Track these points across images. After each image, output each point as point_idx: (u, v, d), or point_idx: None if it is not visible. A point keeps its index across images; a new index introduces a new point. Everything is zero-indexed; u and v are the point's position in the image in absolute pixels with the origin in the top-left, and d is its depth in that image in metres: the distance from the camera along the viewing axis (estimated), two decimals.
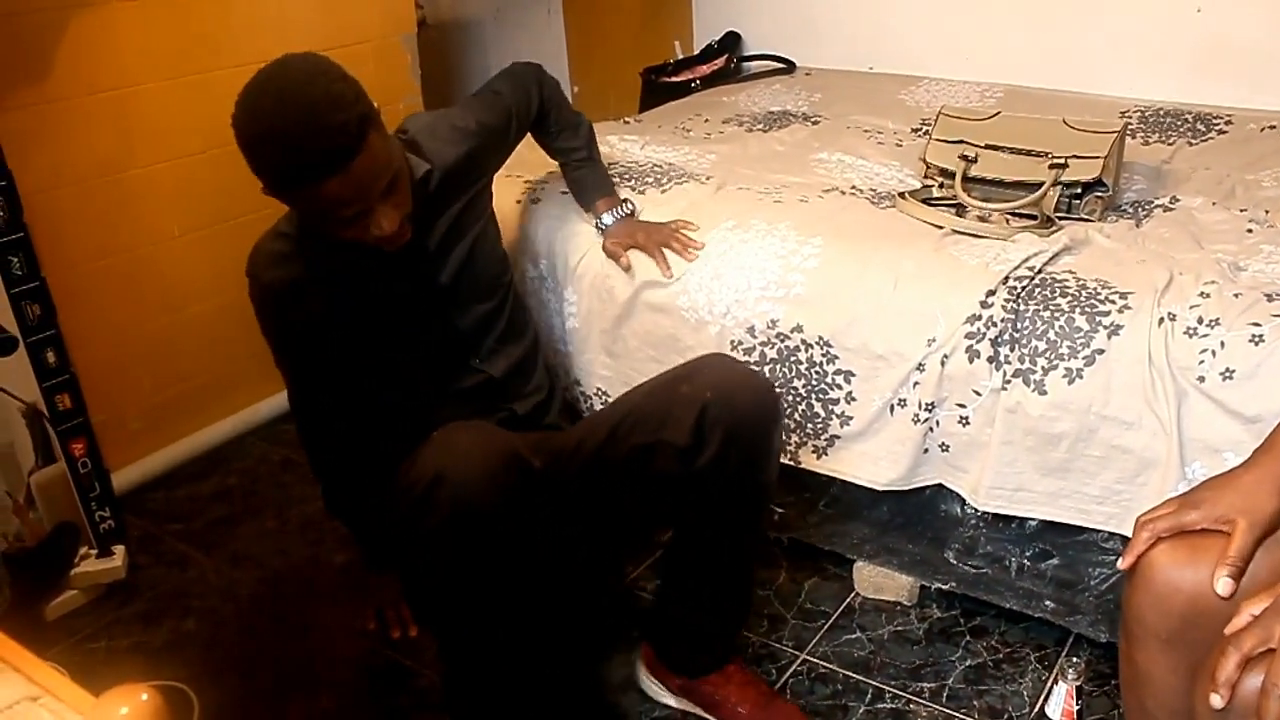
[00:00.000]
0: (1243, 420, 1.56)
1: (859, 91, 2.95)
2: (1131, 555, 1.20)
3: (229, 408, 2.70)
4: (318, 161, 1.42)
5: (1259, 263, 1.78)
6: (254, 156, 1.45)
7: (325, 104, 1.43)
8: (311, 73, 1.47)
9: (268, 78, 1.47)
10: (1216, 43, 2.70)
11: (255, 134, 1.44)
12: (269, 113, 1.43)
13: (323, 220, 1.51)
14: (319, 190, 1.44)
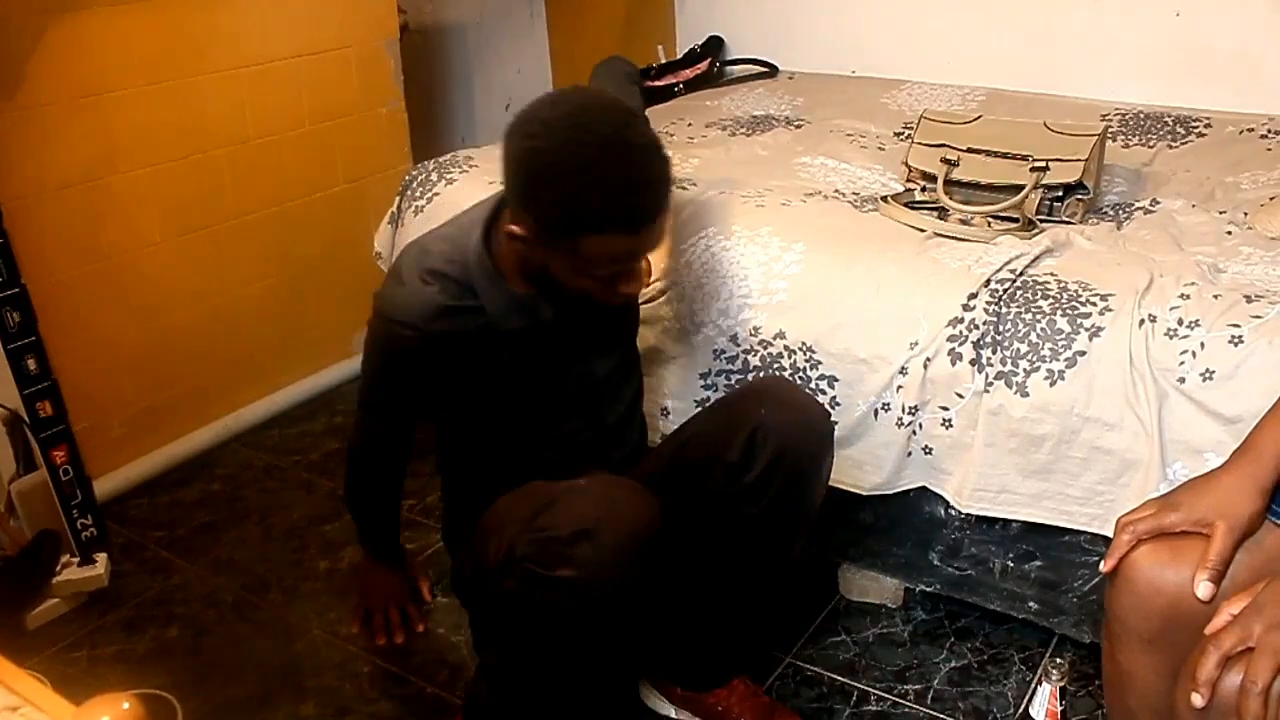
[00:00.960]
0: (1223, 421, 1.57)
1: (841, 95, 2.96)
2: (1113, 558, 1.21)
3: (212, 414, 2.69)
4: (651, 207, 1.36)
5: (1238, 264, 1.79)
6: (579, 197, 1.33)
7: (658, 147, 1.38)
8: (628, 111, 1.40)
9: (588, 113, 1.36)
10: (1195, 46, 2.72)
11: (594, 174, 1.32)
12: (612, 152, 1.33)
13: (584, 272, 1.41)
14: (632, 240, 1.37)
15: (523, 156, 1.36)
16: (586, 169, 1.32)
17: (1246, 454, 1.19)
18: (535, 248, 1.42)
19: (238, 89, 2.58)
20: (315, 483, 2.53)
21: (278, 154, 2.70)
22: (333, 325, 2.90)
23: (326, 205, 2.84)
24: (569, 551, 1.33)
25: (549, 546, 1.35)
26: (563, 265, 1.42)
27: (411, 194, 2.29)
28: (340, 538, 2.32)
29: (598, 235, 1.35)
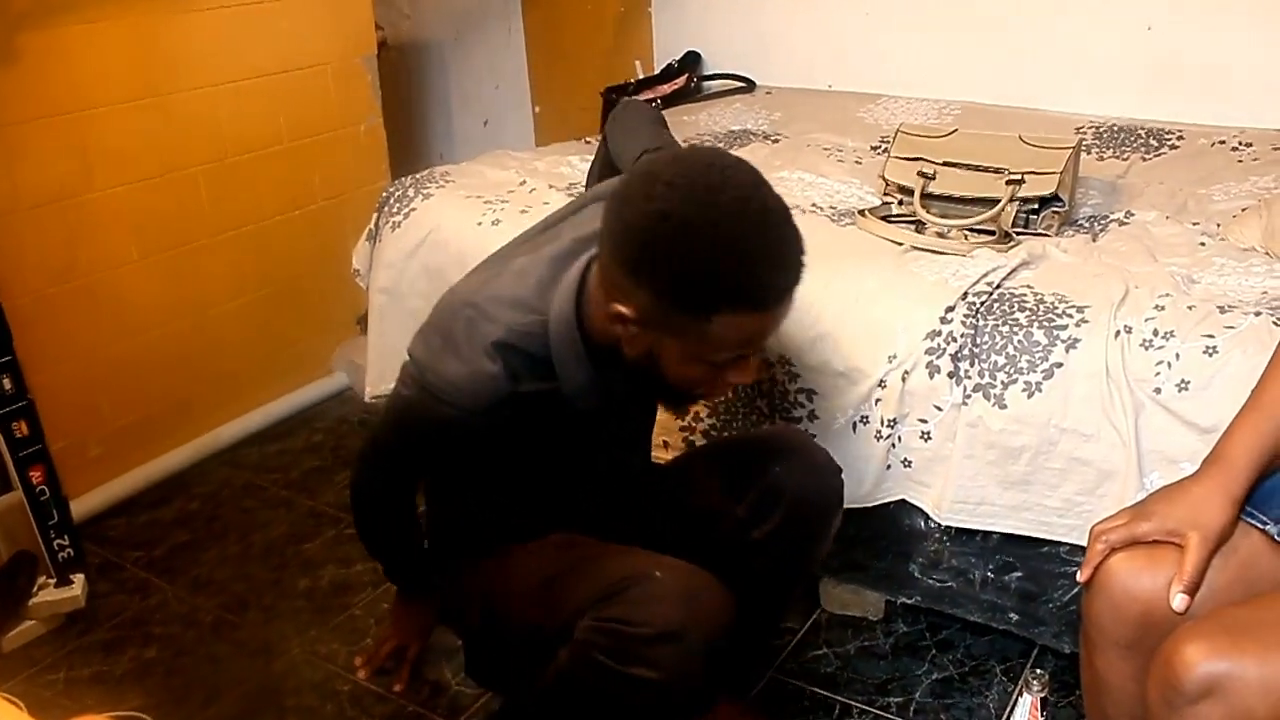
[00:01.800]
0: (1199, 431, 1.58)
1: (818, 109, 2.98)
2: (1088, 567, 1.22)
3: (190, 432, 2.68)
4: (788, 280, 1.23)
5: (1211, 275, 1.80)
6: (714, 269, 1.18)
7: (789, 213, 1.26)
8: (755, 170, 1.25)
9: (718, 173, 1.20)
10: (1167, 60, 2.74)
11: (731, 242, 1.18)
12: (749, 217, 1.19)
13: (700, 359, 1.28)
14: (764, 318, 1.25)
15: (644, 223, 1.18)
16: (722, 236, 1.17)
17: (1216, 463, 1.20)
18: (646, 331, 1.25)
19: (215, 106, 2.58)
20: (295, 501, 2.52)
21: (255, 171, 2.70)
22: (311, 342, 2.89)
23: (305, 222, 2.83)
24: (650, 652, 1.28)
25: (627, 644, 1.29)
26: (677, 351, 1.27)
27: (389, 210, 2.29)
28: (320, 556, 2.31)
29: (729, 313, 1.20)
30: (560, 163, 2.49)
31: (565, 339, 1.33)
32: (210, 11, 2.53)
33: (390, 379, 2.29)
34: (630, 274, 1.21)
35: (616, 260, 1.23)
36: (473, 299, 1.36)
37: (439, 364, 1.33)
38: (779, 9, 3.28)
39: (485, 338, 1.32)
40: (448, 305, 1.39)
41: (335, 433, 2.82)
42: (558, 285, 1.34)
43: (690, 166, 1.21)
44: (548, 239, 1.44)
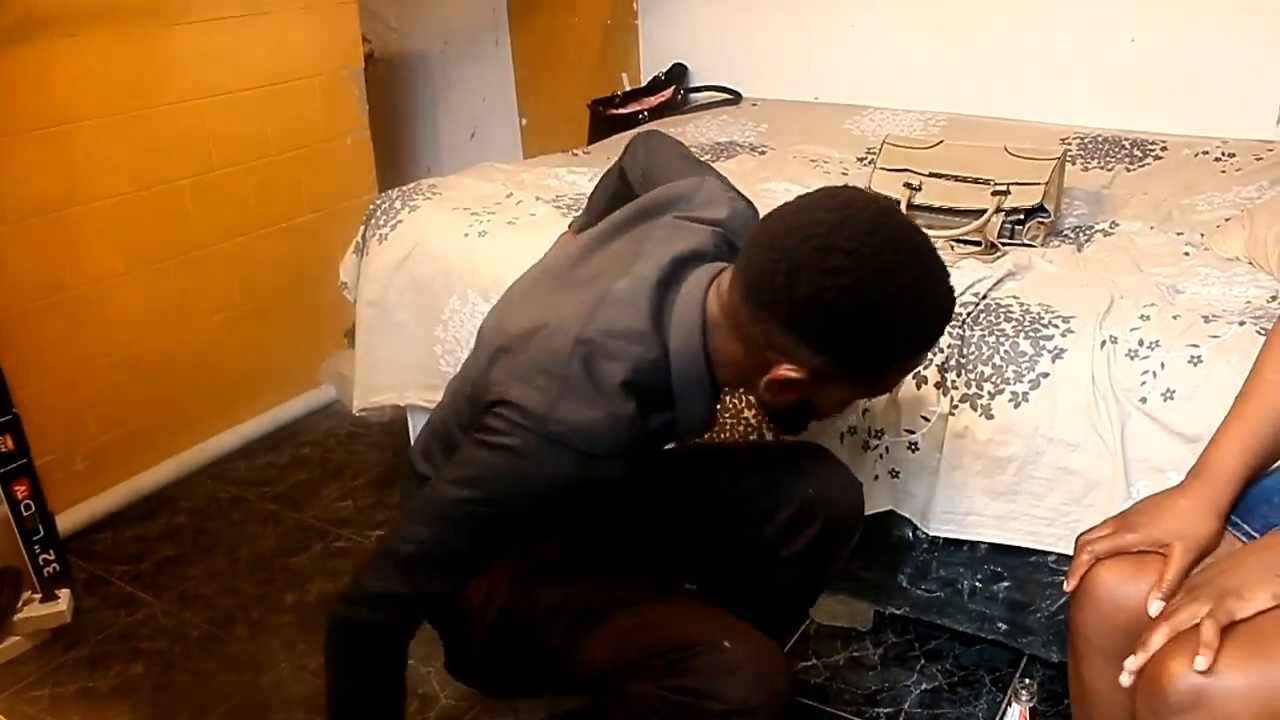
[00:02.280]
0: (1184, 440, 1.59)
1: (804, 121, 2.99)
2: (1075, 577, 1.22)
3: (177, 446, 2.67)
4: (946, 325, 1.25)
5: (1196, 285, 1.81)
6: (898, 335, 1.20)
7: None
8: (913, 223, 1.27)
9: (891, 236, 1.18)
10: (1150, 71, 2.77)
11: (912, 310, 1.18)
12: (925, 282, 1.20)
13: (853, 399, 1.32)
14: (922, 358, 1.31)
15: (827, 298, 1.14)
16: (908, 302, 1.17)
17: (1202, 476, 1.21)
18: (808, 385, 1.22)
19: (201, 119, 2.57)
20: (282, 514, 2.51)
21: (242, 184, 2.69)
22: (298, 355, 2.88)
23: (291, 235, 2.83)
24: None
25: (693, 716, 1.29)
26: (840, 395, 1.28)
27: (376, 223, 2.29)
28: (308, 569, 2.30)
29: (905, 360, 1.25)
30: (547, 175, 2.49)
31: (691, 374, 1.29)
32: (196, 25, 2.53)
33: (379, 391, 2.33)
34: (801, 333, 1.18)
35: (787, 326, 1.18)
36: (584, 335, 1.25)
37: (562, 410, 1.21)
38: (765, 21, 3.30)
39: (612, 377, 1.23)
40: (547, 344, 1.26)
41: (323, 446, 2.81)
42: (671, 314, 1.29)
43: (857, 228, 1.16)
44: (631, 257, 1.35)
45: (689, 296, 1.28)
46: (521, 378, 1.25)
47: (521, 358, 1.27)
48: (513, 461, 1.23)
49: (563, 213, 2.22)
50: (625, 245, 1.39)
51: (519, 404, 1.22)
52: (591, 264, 1.39)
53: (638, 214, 1.44)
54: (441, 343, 2.20)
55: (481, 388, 1.31)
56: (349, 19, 2.89)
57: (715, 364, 1.29)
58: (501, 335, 1.34)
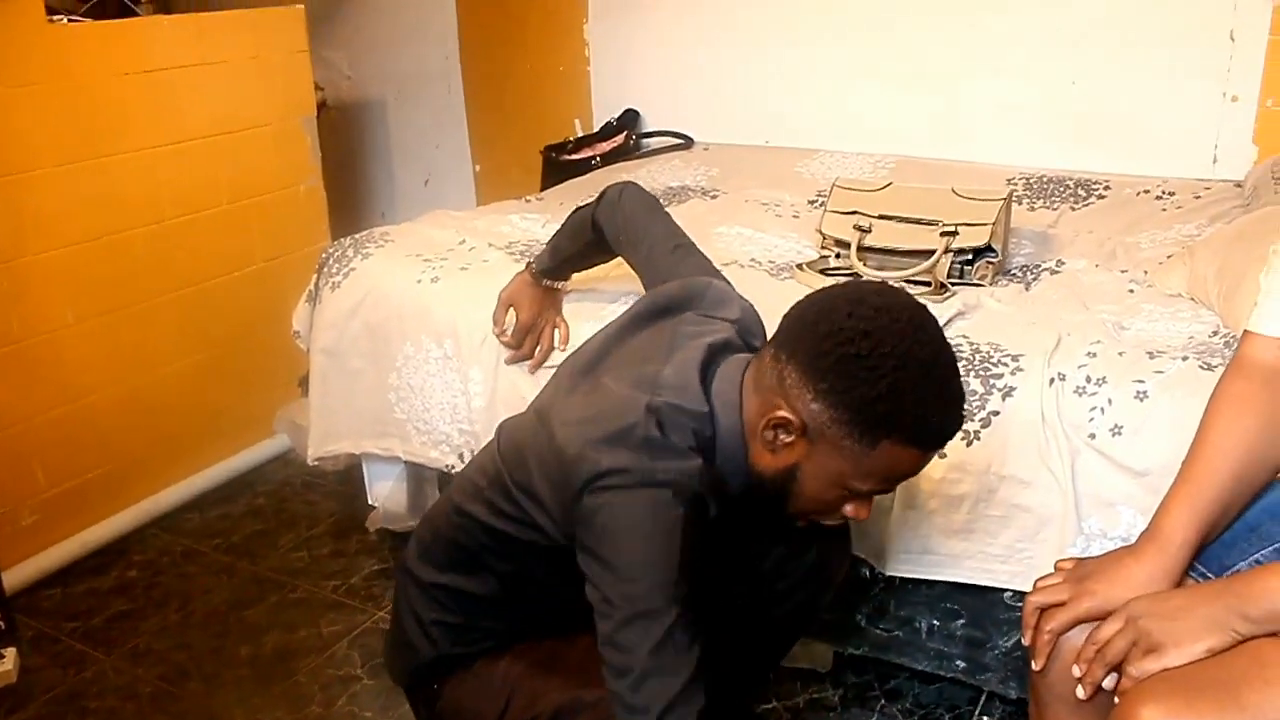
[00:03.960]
0: (1133, 474, 1.61)
1: (756, 165, 3.02)
2: (1041, 657, 1.22)
3: (128, 498, 2.63)
4: (954, 429, 1.26)
5: (1141, 321, 1.85)
6: (906, 399, 1.19)
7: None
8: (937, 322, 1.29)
9: (920, 314, 1.24)
10: (1092, 113, 2.83)
11: (928, 379, 1.21)
12: (944, 363, 1.24)
13: (842, 484, 1.26)
14: (920, 459, 1.26)
15: (842, 336, 1.19)
16: (916, 369, 1.19)
17: (1155, 541, 1.20)
18: (800, 442, 1.25)
19: (153, 168, 2.56)
20: (236, 566, 2.48)
21: (194, 233, 2.68)
22: (252, 405, 2.86)
23: (245, 284, 2.82)
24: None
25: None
26: (824, 470, 1.26)
27: (329, 271, 2.28)
28: (263, 622, 2.27)
29: (894, 445, 1.21)
30: (500, 221, 2.50)
31: (731, 448, 1.32)
32: (148, 74, 2.53)
33: (334, 440, 2.31)
34: (813, 382, 1.21)
35: (799, 363, 1.22)
36: (653, 403, 1.28)
37: (659, 461, 1.25)
38: (716, 67, 3.34)
39: (685, 440, 1.28)
40: (619, 418, 1.28)
41: (277, 496, 2.78)
42: (713, 395, 1.32)
43: (896, 299, 1.24)
44: (666, 347, 1.38)
45: (726, 379, 1.33)
46: (606, 449, 1.26)
47: (598, 436, 1.28)
48: (636, 516, 1.25)
49: (515, 259, 2.22)
50: (652, 337, 1.43)
51: (616, 468, 1.24)
52: (622, 354, 1.42)
53: (655, 311, 1.48)
54: (395, 390, 2.19)
55: (531, 475, 1.35)
56: (301, 68, 2.90)
57: (747, 441, 1.32)
58: (553, 427, 1.34)
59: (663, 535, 1.24)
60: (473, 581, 1.48)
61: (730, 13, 3.28)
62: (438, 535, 1.51)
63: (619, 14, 3.48)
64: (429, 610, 1.51)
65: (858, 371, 1.19)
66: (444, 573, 1.49)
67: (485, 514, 1.42)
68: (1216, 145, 2.69)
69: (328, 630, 2.23)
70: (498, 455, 1.44)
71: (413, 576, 1.53)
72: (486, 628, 1.51)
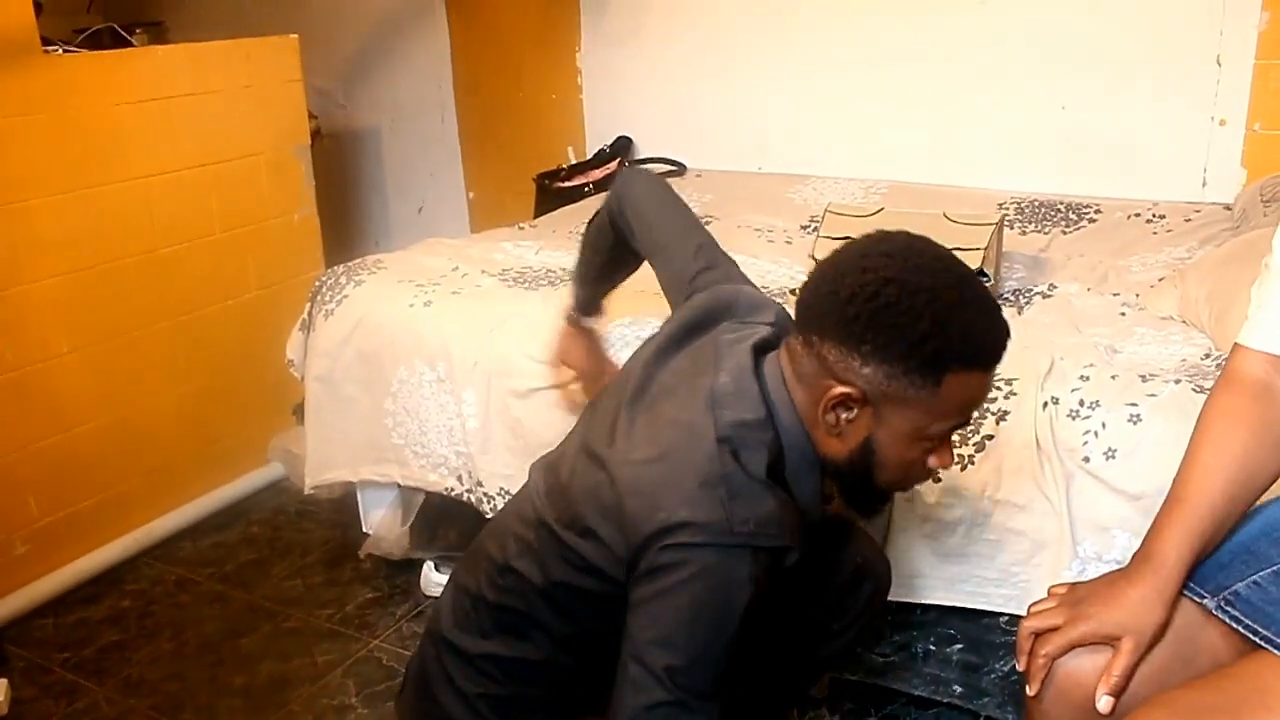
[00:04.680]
0: (1127, 497, 1.62)
1: (748, 191, 3.03)
2: (1036, 682, 1.20)
3: (121, 528, 2.62)
4: (1005, 338, 1.23)
5: (1133, 344, 1.86)
6: (950, 326, 1.16)
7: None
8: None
9: (928, 244, 1.24)
10: (1081, 137, 2.85)
11: (963, 300, 1.18)
12: (971, 280, 1.22)
13: (922, 434, 1.22)
14: (987, 378, 1.23)
15: (868, 292, 1.16)
16: (949, 296, 1.17)
17: (1148, 563, 1.19)
18: (867, 410, 1.21)
19: (147, 197, 2.57)
20: (229, 595, 2.47)
21: (188, 262, 2.68)
22: (246, 433, 2.85)
23: (239, 312, 2.82)
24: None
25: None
26: (899, 428, 1.21)
27: (321, 299, 2.29)
28: (257, 651, 2.26)
29: (959, 373, 1.18)
30: (493, 249, 2.51)
31: (799, 449, 1.27)
32: (142, 104, 2.54)
33: (330, 468, 2.31)
34: (854, 348, 1.18)
35: (834, 335, 1.19)
36: (722, 434, 1.23)
37: (740, 509, 1.19)
38: (708, 94, 3.36)
39: (758, 466, 1.22)
40: (689, 456, 1.23)
41: (271, 524, 2.77)
42: (769, 396, 1.28)
43: (899, 240, 1.22)
44: (711, 360, 1.33)
45: (772, 377, 1.29)
46: (682, 495, 1.20)
47: (666, 476, 1.23)
48: (706, 587, 1.18)
49: (509, 285, 2.23)
50: (696, 354, 1.37)
51: (694, 521, 1.18)
52: (669, 377, 1.37)
53: (691, 328, 1.42)
54: (392, 415, 2.19)
55: (589, 526, 1.28)
56: (295, 97, 2.91)
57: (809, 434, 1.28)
58: (612, 468, 1.28)
59: (727, 612, 1.18)
60: (524, 646, 1.39)
61: (722, 40, 3.30)
62: (478, 599, 1.42)
63: (612, 42, 3.50)
64: (475, 683, 1.42)
65: (895, 319, 1.16)
66: (490, 639, 1.40)
67: (535, 568, 1.35)
68: (1206, 169, 2.71)
69: (322, 659, 2.22)
70: (538, 500, 1.37)
71: (452, 646, 1.44)
72: (537, 697, 1.43)
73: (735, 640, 1.20)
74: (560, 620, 1.36)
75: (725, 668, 1.20)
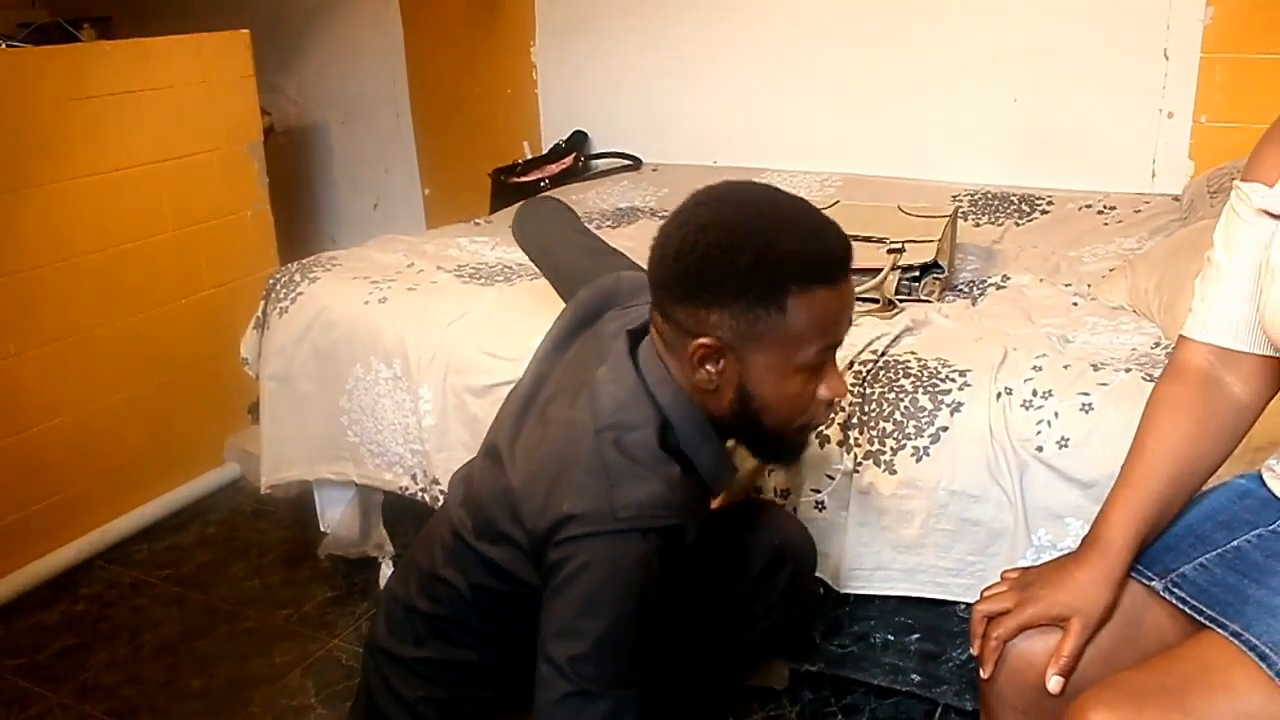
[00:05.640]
0: (1080, 486, 1.63)
1: (704, 185, 3.02)
2: (989, 665, 1.23)
3: (76, 530, 2.58)
4: (842, 249, 1.24)
5: (1085, 334, 1.88)
6: (777, 246, 1.19)
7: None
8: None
9: (741, 185, 1.29)
10: (1033, 129, 2.88)
11: (784, 221, 1.22)
12: (786, 203, 1.25)
13: (793, 363, 1.24)
14: (835, 294, 1.23)
15: (689, 243, 1.21)
16: (767, 219, 1.21)
17: (1095, 545, 1.22)
18: (732, 357, 1.23)
19: (98, 195, 2.53)
20: (187, 597, 2.45)
21: (140, 260, 2.65)
22: (202, 433, 2.82)
23: (193, 310, 2.79)
24: None
25: None
26: (767, 365, 1.23)
27: (276, 296, 2.27)
28: (215, 653, 2.24)
29: (802, 293, 1.19)
30: (448, 245, 2.50)
31: (689, 420, 1.29)
32: (91, 99, 2.50)
33: (287, 467, 2.29)
34: (694, 298, 1.21)
35: (677, 296, 1.23)
36: (599, 424, 1.26)
37: (621, 495, 1.21)
38: (664, 88, 3.36)
39: (645, 447, 1.24)
40: (571, 450, 1.26)
41: (228, 524, 2.75)
42: (646, 377, 1.31)
43: (711, 189, 1.27)
44: (596, 352, 1.37)
45: (648, 356, 1.32)
46: (568, 490, 1.22)
47: (554, 476, 1.25)
48: (598, 577, 1.20)
49: (464, 280, 2.22)
50: (582, 348, 1.41)
51: (578, 513, 1.20)
52: (558, 376, 1.40)
53: (577, 323, 1.46)
54: (347, 413, 2.18)
55: (496, 524, 1.31)
56: (247, 93, 2.88)
57: (696, 402, 1.30)
58: (508, 470, 1.31)
59: (623, 598, 1.20)
60: (457, 650, 1.42)
61: (678, 34, 3.30)
62: (411, 608, 1.45)
63: (567, 37, 3.49)
64: (414, 688, 1.44)
65: (720, 259, 1.19)
66: (424, 646, 1.43)
67: (460, 576, 1.38)
68: (1155, 160, 2.75)
69: (280, 660, 2.20)
70: (456, 511, 1.40)
71: (388, 655, 1.47)
72: (476, 698, 1.45)
73: (639, 625, 1.21)
74: (489, 624, 1.39)
75: (633, 654, 1.22)
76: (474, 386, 2.02)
